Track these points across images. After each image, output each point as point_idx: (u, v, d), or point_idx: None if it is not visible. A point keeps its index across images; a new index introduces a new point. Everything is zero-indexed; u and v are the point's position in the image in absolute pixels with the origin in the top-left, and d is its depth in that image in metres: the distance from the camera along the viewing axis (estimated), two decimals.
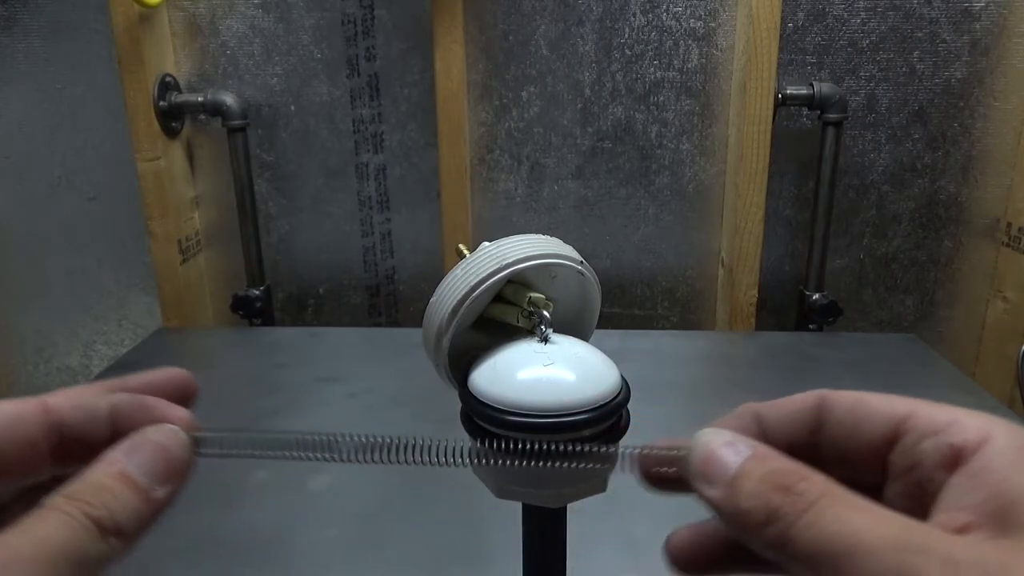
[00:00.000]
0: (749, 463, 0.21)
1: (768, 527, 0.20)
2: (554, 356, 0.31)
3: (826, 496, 0.19)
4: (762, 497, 0.20)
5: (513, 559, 0.35)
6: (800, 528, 0.19)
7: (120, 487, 0.22)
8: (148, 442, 0.23)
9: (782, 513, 0.20)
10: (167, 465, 0.23)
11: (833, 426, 0.24)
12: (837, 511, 0.19)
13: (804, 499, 0.19)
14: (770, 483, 0.20)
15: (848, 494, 0.20)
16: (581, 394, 0.29)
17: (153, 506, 0.22)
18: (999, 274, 1.04)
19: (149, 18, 0.97)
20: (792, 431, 0.25)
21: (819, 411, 0.24)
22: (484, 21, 1.01)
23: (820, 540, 0.18)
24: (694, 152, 1.05)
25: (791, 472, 0.21)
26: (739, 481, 0.21)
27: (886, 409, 0.23)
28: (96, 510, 0.20)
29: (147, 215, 1.01)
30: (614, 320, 1.12)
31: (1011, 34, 0.97)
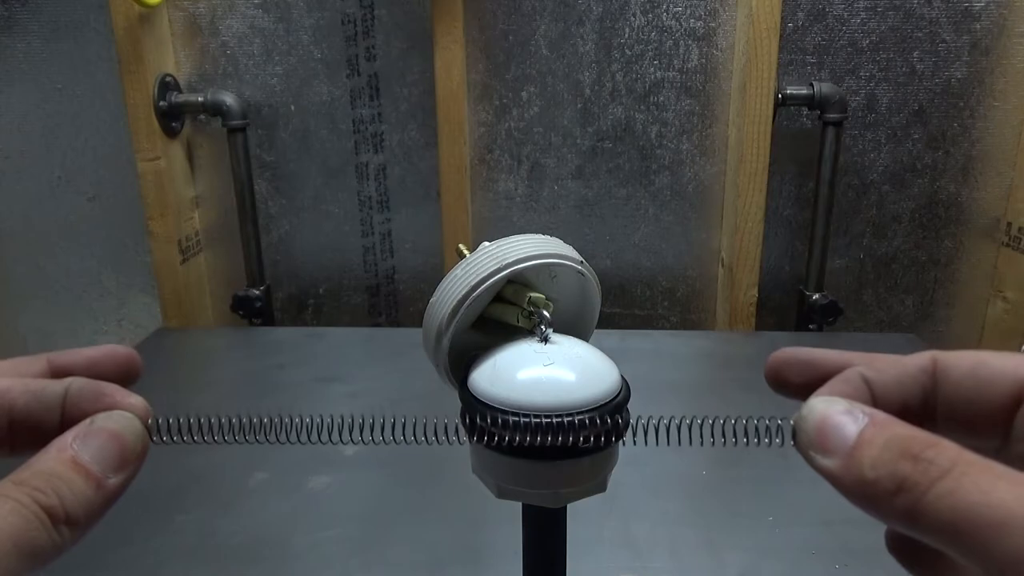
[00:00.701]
0: (869, 430, 0.20)
1: (898, 497, 0.19)
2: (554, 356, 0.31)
3: (961, 463, 0.18)
4: (888, 466, 0.19)
5: (513, 559, 0.35)
6: (934, 498, 0.18)
7: (72, 474, 0.21)
8: (101, 429, 0.22)
9: (913, 482, 0.18)
10: (120, 453, 0.22)
11: (951, 388, 0.23)
12: (976, 480, 0.18)
13: (936, 467, 0.18)
14: (896, 450, 0.19)
15: (985, 461, 0.18)
16: (581, 394, 0.29)
17: (105, 495, 0.21)
18: (999, 274, 1.04)
19: (149, 18, 0.97)
20: (905, 395, 0.23)
21: (933, 373, 0.23)
22: (484, 21, 1.01)
23: (960, 510, 0.17)
24: (694, 152, 1.05)
25: (918, 438, 0.19)
26: (860, 450, 0.20)
27: (1009, 369, 0.22)
28: (47, 498, 0.20)
29: (147, 215, 1.01)
30: (614, 320, 1.12)
31: (1011, 34, 0.97)
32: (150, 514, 0.59)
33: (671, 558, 0.56)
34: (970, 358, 0.23)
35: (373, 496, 0.63)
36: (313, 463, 0.68)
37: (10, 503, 0.19)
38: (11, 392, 0.23)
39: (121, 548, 0.55)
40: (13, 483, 0.20)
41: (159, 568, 0.55)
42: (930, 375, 0.23)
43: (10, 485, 0.20)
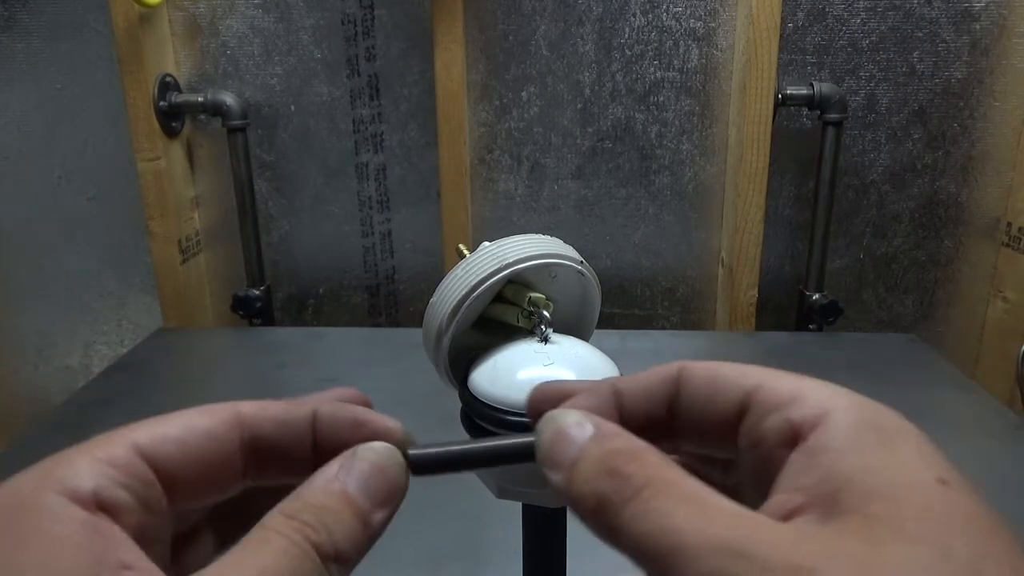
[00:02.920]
0: (588, 443, 0.20)
1: (597, 516, 0.18)
2: (554, 356, 0.31)
3: (654, 482, 0.18)
4: (593, 482, 0.19)
5: (513, 559, 0.35)
6: (626, 519, 0.18)
7: (342, 509, 0.20)
8: (365, 462, 0.21)
9: (609, 501, 0.18)
10: (386, 487, 0.21)
11: (689, 398, 0.22)
12: (662, 503, 0.17)
13: (631, 485, 0.18)
14: (603, 466, 0.19)
15: (679, 477, 0.18)
16: None
17: (371, 531, 0.20)
18: (999, 274, 1.04)
19: (149, 18, 0.97)
20: (650, 405, 0.23)
21: (677, 383, 0.23)
22: (484, 21, 1.01)
23: (644, 536, 0.17)
24: (694, 152, 1.05)
25: (625, 452, 0.19)
26: (578, 464, 0.19)
27: (737, 381, 0.22)
28: (318, 535, 0.19)
29: (147, 215, 1.01)
30: (614, 320, 1.12)
31: (1011, 34, 0.97)
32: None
33: None
34: (707, 368, 0.23)
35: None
36: None
37: (283, 541, 0.18)
38: (256, 421, 0.22)
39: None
40: (284, 516, 0.19)
41: None
42: (675, 384, 0.23)
43: (280, 519, 0.19)
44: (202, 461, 0.21)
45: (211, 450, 0.21)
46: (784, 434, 0.19)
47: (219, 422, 0.21)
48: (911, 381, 0.85)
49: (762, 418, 0.20)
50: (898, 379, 0.85)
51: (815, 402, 0.19)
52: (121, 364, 0.90)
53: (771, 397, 0.20)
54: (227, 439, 0.21)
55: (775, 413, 0.20)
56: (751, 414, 0.21)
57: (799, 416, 0.19)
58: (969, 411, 0.78)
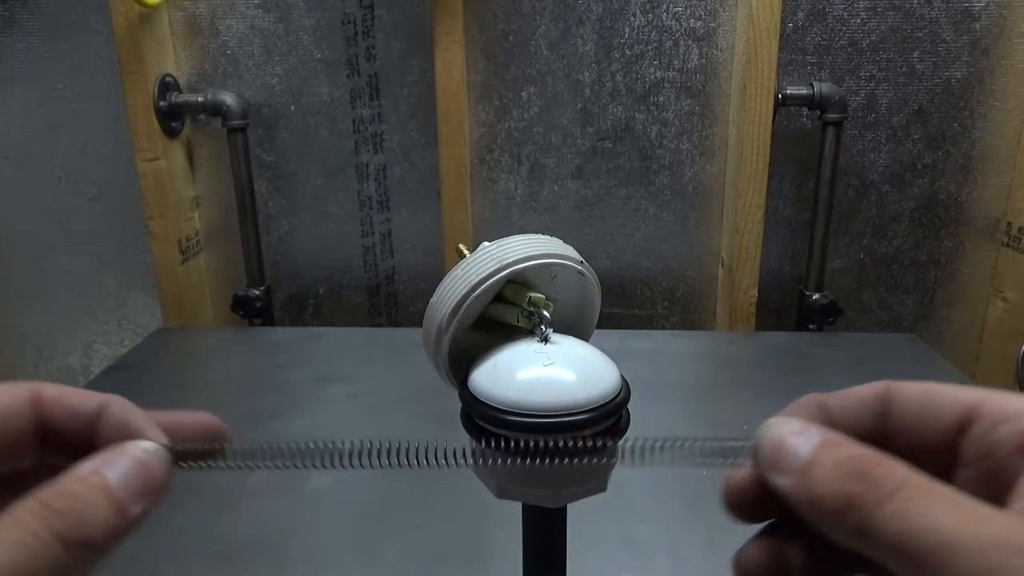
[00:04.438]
0: (821, 450, 0.21)
1: (846, 515, 0.19)
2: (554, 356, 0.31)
3: (908, 485, 0.19)
4: (837, 483, 0.20)
5: (513, 559, 0.35)
6: (882, 518, 0.18)
7: (98, 498, 0.21)
8: (129, 456, 0.22)
9: (860, 501, 0.19)
10: (146, 482, 0.22)
11: (900, 415, 0.24)
12: (923, 503, 0.18)
13: (883, 487, 0.19)
14: (845, 469, 0.20)
15: (932, 483, 0.19)
16: (581, 394, 0.29)
17: (127, 523, 0.21)
18: (999, 274, 1.04)
19: (149, 18, 0.97)
20: (858, 421, 0.24)
21: (885, 400, 0.24)
22: (484, 21, 1.01)
23: (906, 533, 0.18)
24: (694, 152, 1.05)
25: (866, 458, 0.20)
26: (812, 469, 0.21)
27: (956, 397, 0.23)
28: (66, 522, 0.20)
29: (147, 215, 1.01)
30: (614, 320, 1.12)
31: (1011, 34, 0.97)
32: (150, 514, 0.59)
33: (671, 558, 0.56)
34: (920, 387, 0.24)
35: (373, 496, 0.63)
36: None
37: (17, 532, 0.19)
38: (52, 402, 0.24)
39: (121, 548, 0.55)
40: (34, 503, 0.20)
41: (159, 568, 0.55)
42: (883, 402, 0.24)
43: (28, 506, 0.20)
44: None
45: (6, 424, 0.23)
46: (1018, 443, 0.21)
47: (15, 399, 0.24)
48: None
49: (991, 429, 0.21)
50: (898, 379, 0.85)
51: None
52: (121, 364, 0.90)
53: (999, 410, 0.22)
54: (20, 415, 0.24)
55: (1008, 423, 0.21)
56: (977, 426, 0.22)
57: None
58: None
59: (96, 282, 0.94)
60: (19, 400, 0.24)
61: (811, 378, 0.86)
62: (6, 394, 0.24)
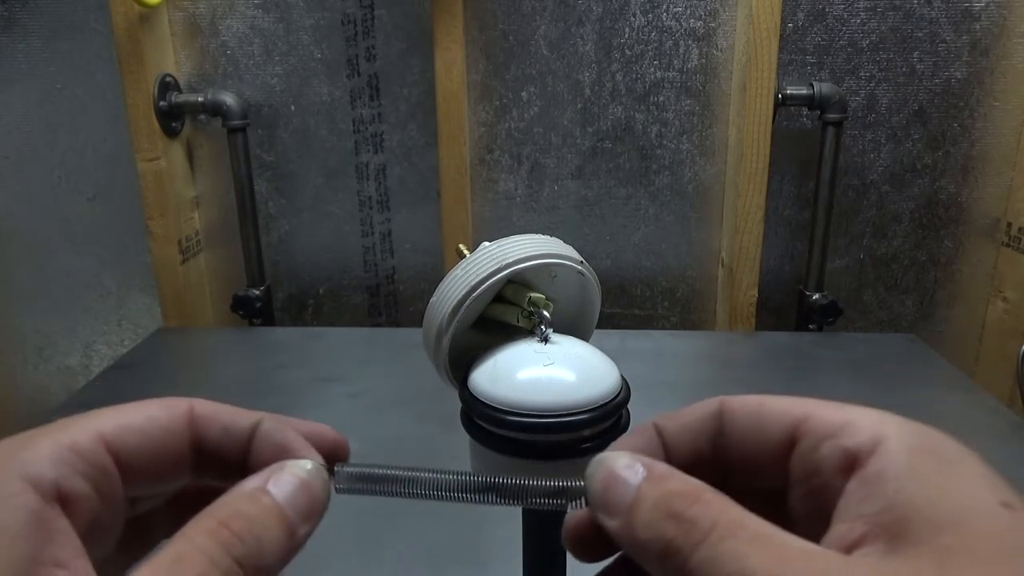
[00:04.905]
0: (644, 486, 0.20)
1: (666, 560, 0.18)
2: (554, 356, 0.31)
3: (721, 524, 0.18)
4: (656, 526, 0.19)
5: (513, 559, 0.34)
6: (696, 565, 0.17)
7: (271, 520, 0.20)
8: (293, 475, 0.22)
9: (675, 546, 0.18)
10: (310, 502, 0.22)
11: (734, 433, 0.23)
12: (733, 546, 0.17)
13: (698, 529, 0.18)
14: (664, 509, 0.19)
15: (745, 518, 0.18)
16: (581, 394, 0.29)
17: (294, 545, 0.20)
18: (999, 274, 1.04)
19: (149, 18, 0.97)
20: (695, 442, 0.23)
21: (720, 418, 0.23)
22: (484, 21, 1.01)
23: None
24: (694, 152, 1.05)
25: (685, 495, 0.19)
26: (635, 508, 0.19)
27: (783, 412, 0.22)
28: (245, 546, 0.19)
29: (147, 215, 1.01)
30: (614, 320, 1.12)
31: (1011, 34, 0.97)
32: None
33: None
34: (750, 402, 0.23)
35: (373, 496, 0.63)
36: None
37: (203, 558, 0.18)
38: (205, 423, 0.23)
39: None
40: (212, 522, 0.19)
41: None
42: (718, 419, 0.23)
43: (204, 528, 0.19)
44: (159, 454, 0.22)
45: (167, 444, 0.22)
46: (840, 462, 0.20)
47: (176, 417, 0.23)
48: (911, 381, 0.85)
49: (815, 447, 0.21)
50: (898, 379, 0.85)
51: (868, 428, 0.20)
52: (121, 364, 0.90)
53: (822, 426, 0.21)
54: (181, 434, 0.23)
55: (828, 441, 0.20)
56: (802, 444, 0.21)
57: (854, 443, 0.19)
58: (969, 411, 0.78)
59: (96, 282, 0.94)
60: (178, 419, 0.23)
61: (811, 378, 0.86)
62: (165, 412, 0.22)
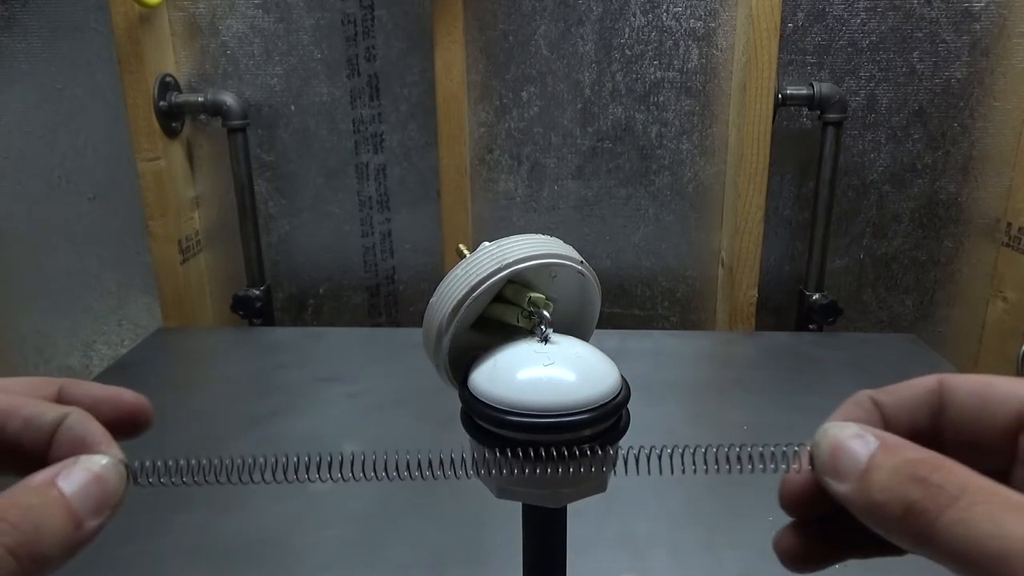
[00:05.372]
0: (880, 454, 0.20)
1: (907, 521, 0.19)
2: (554, 356, 0.31)
3: (970, 490, 0.18)
4: (897, 489, 0.19)
5: (513, 559, 0.35)
6: (944, 525, 0.18)
7: (55, 511, 0.20)
8: (84, 470, 0.22)
9: (921, 507, 0.19)
10: (101, 495, 0.22)
11: (957, 410, 0.23)
12: (986, 508, 0.18)
13: (944, 492, 0.18)
14: (905, 474, 0.19)
15: (994, 487, 0.18)
16: (581, 394, 0.29)
17: (81, 536, 0.21)
18: (999, 274, 1.04)
19: (149, 18, 0.97)
20: (913, 418, 0.24)
21: (940, 395, 0.23)
22: (484, 21, 1.01)
23: (969, 540, 0.17)
24: (694, 152, 1.05)
25: (926, 462, 0.20)
26: (871, 474, 0.20)
27: (1015, 392, 0.22)
28: (22, 537, 0.19)
29: (147, 215, 1.01)
30: (614, 320, 1.12)
31: (1011, 34, 0.97)
32: (151, 514, 0.59)
33: (671, 558, 0.56)
34: (977, 380, 0.23)
35: (373, 496, 0.63)
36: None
37: None
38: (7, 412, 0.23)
39: (122, 547, 0.55)
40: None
41: (159, 568, 0.55)
42: (938, 396, 0.23)
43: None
44: None
45: None
46: None
47: None
48: None
49: None
50: (898, 379, 0.85)
51: None
52: (121, 364, 0.90)
53: None
54: None
55: None
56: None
57: None
58: None
59: (96, 282, 0.94)
60: None
61: (811, 378, 0.86)
62: None
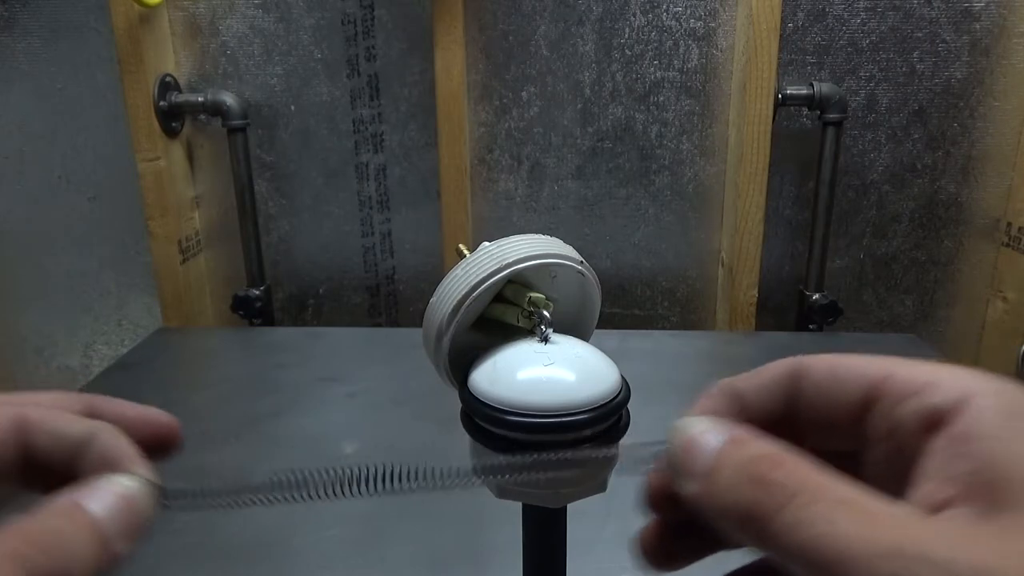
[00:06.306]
0: (726, 450, 0.20)
1: (747, 525, 0.18)
2: (554, 356, 0.31)
3: (805, 489, 0.17)
4: (738, 490, 0.18)
5: (513, 559, 0.34)
6: (780, 528, 0.17)
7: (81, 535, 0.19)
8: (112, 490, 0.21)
9: (759, 511, 0.18)
10: (130, 518, 0.21)
11: (810, 392, 0.22)
12: (819, 508, 0.17)
13: (781, 493, 0.18)
14: (746, 473, 0.19)
15: (830, 483, 0.18)
16: (581, 394, 0.29)
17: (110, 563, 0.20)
18: (999, 274, 1.04)
19: (149, 18, 0.97)
20: (771, 403, 0.23)
21: (796, 378, 0.23)
22: (484, 21, 1.01)
23: (804, 544, 0.17)
24: (694, 152, 1.05)
25: (767, 458, 0.19)
26: (716, 473, 0.19)
27: (862, 370, 0.21)
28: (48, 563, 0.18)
29: (147, 215, 1.01)
30: (614, 320, 1.12)
31: (1011, 34, 0.97)
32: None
33: None
34: (827, 361, 0.22)
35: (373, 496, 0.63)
36: (313, 463, 0.68)
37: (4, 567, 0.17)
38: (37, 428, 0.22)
39: None
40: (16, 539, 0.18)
41: (159, 568, 0.55)
42: (794, 379, 0.23)
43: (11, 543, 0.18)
44: None
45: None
46: (923, 420, 0.19)
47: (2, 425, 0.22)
48: None
49: (896, 405, 0.20)
50: None
51: (954, 386, 0.19)
52: (121, 364, 0.90)
53: (904, 384, 0.20)
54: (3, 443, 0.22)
55: (911, 399, 0.20)
56: (883, 402, 0.20)
57: (939, 400, 0.19)
58: None
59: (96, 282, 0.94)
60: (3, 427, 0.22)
61: None
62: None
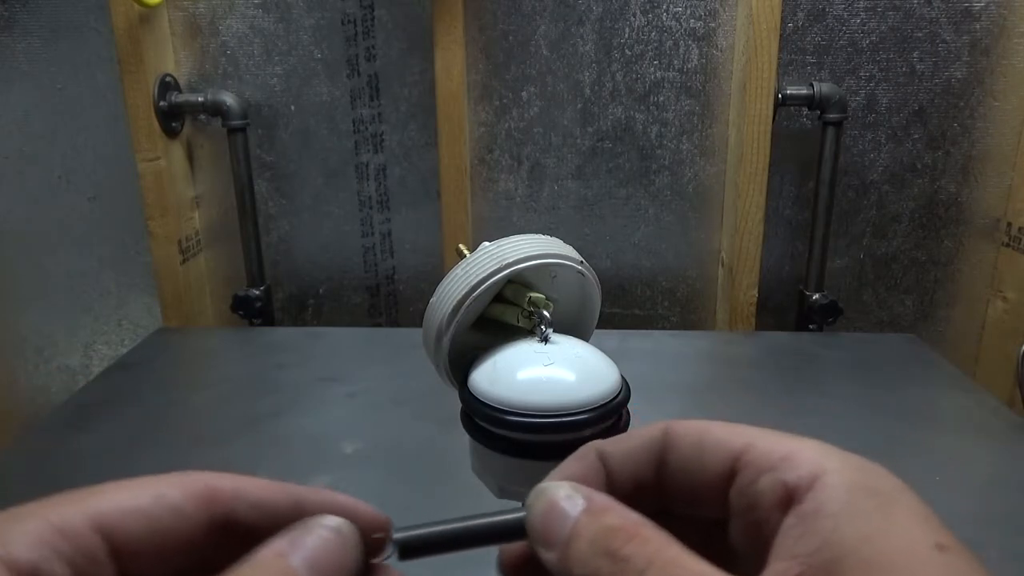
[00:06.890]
0: (582, 520, 0.19)
1: None
2: (554, 356, 0.31)
3: (655, 565, 0.17)
4: (592, 563, 0.18)
5: None
6: None
7: None
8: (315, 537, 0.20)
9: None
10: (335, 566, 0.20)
11: (676, 461, 0.22)
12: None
13: (631, 568, 0.17)
14: (600, 546, 0.18)
15: (680, 555, 0.18)
16: (581, 394, 0.29)
17: None
18: (999, 274, 1.04)
19: (149, 18, 0.97)
20: (638, 469, 0.22)
21: (664, 444, 0.22)
22: (484, 21, 1.01)
23: None
24: (694, 152, 1.05)
25: (621, 531, 0.18)
26: (572, 543, 0.19)
27: (725, 442, 0.21)
28: None
29: (147, 215, 1.01)
30: (614, 320, 1.12)
31: (1011, 34, 0.97)
32: None
33: None
34: (697, 427, 0.22)
35: (373, 496, 0.63)
36: (314, 462, 0.68)
37: None
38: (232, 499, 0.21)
39: None
40: None
41: None
42: (662, 445, 0.22)
43: None
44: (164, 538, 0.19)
45: (175, 527, 0.19)
46: (778, 496, 0.19)
47: (190, 497, 0.20)
48: (911, 381, 0.85)
49: (754, 480, 0.20)
50: (898, 379, 0.85)
51: (807, 462, 0.19)
52: (121, 364, 0.90)
53: (762, 458, 0.20)
54: (195, 518, 0.20)
55: (768, 474, 0.20)
56: (742, 475, 0.20)
57: (793, 477, 0.19)
58: (969, 411, 0.78)
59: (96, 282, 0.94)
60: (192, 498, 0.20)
61: (811, 378, 0.86)
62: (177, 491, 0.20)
